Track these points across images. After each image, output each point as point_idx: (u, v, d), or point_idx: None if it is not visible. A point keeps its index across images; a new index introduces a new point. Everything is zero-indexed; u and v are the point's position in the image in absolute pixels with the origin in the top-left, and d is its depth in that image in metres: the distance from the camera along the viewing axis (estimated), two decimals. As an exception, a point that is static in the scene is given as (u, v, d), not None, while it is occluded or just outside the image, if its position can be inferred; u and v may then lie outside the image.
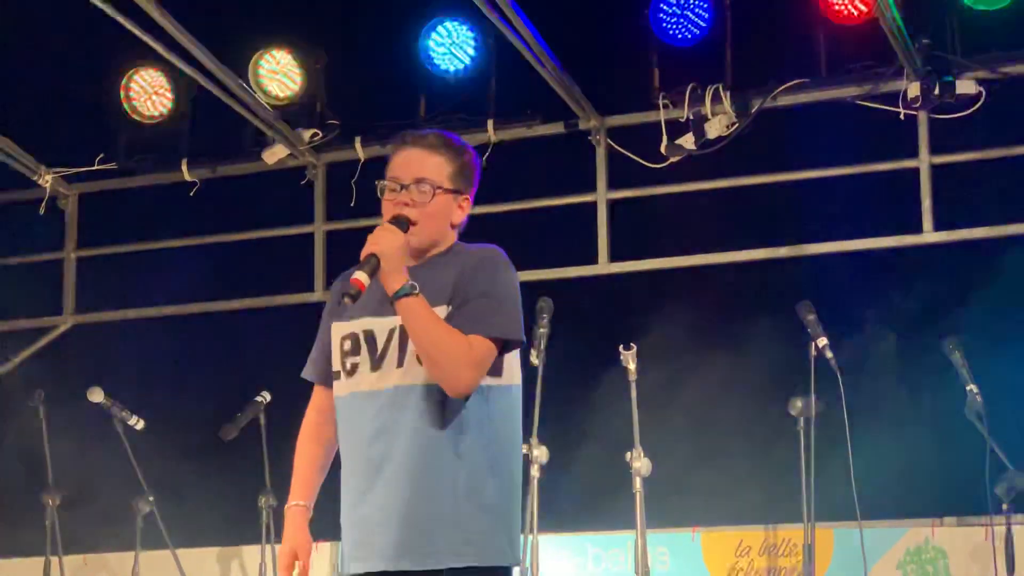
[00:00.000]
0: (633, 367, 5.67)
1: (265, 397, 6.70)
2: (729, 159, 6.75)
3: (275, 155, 7.39)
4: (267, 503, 6.58)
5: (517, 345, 3.51)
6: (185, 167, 7.52)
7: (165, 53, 6.58)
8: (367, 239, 3.41)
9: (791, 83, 6.61)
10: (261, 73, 7.17)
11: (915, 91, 6.39)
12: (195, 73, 6.81)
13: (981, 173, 6.52)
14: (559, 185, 7.17)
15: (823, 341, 5.75)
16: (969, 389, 5.72)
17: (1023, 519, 5.87)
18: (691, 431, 6.47)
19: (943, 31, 6.36)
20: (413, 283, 3.37)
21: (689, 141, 6.70)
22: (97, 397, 6.69)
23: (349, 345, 3.53)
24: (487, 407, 3.47)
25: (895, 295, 6.51)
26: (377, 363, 3.47)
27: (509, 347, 3.50)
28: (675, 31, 6.62)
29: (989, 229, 6.47)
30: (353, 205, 7.19)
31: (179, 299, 7.70)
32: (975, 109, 6.39)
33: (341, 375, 3.55)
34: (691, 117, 6.71)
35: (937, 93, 6.37)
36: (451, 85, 7.01)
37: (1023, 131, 6.39)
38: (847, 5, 6.32)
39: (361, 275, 3.36)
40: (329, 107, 7.28)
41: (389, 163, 3.60)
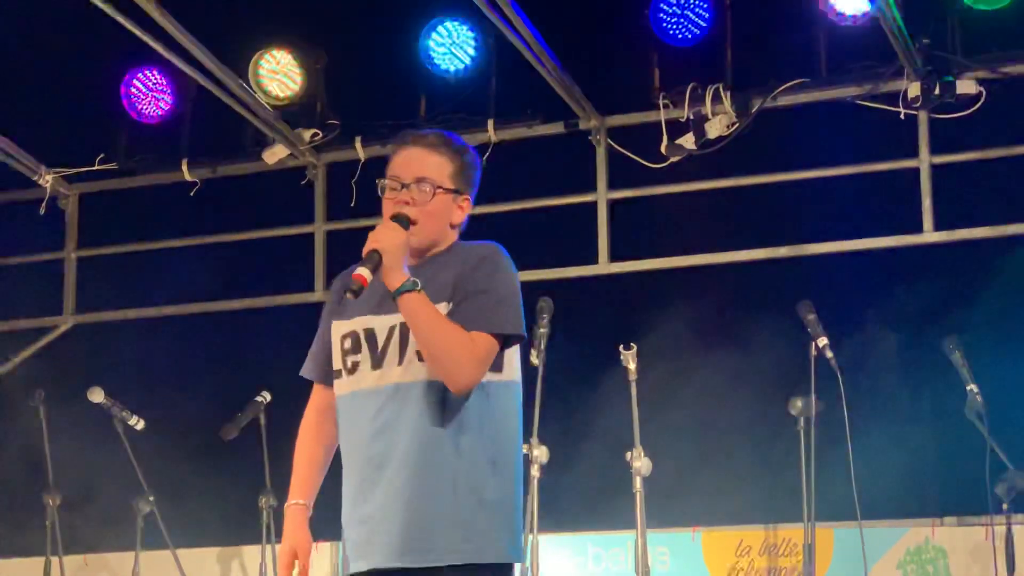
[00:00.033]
0: (633, 367, 5.67)
1: (265, 397, 6.70)
2: (729, 159, 6.74)
3: (275, 155, 7.38)
4: (267, 503, 6.58)
5: (518, 340, 3.51)
6: (185, 167, 7.52)
7: (165, 52, 6.58)
8: (369, 236, 3.40)
9: (791, 83, 6.61)
10: (261, 73, 7.16)
11: (915, 91, 6.39)
12: (195, 73, 6.82)
13: (981, 173, 6.52)
14: (559, 185, 7.17)
15: (823, 341, 5.75)
16: (969, 389, 5.72)
17: (1023, 519, 5.87)
18: (691, 431, 6.47)
19: (943, 31, 6.36)
20: (415, 279, 3.37)
21: (689, 141, 6.70)
22: (97, 397, 6.68)
23: (350, 344, 3.53)
24: (488, 404, 3.46)
25: (895, 295, 6.51)
26: (378, 361, 3.47)
27: (511, 342, 3.49)
28: (675, 31, 6.62)
29: (989, 229, 6.47)
30: (353, 205, 7.20)
31: (179, 299, 7.70)
32: (975, 109, 6.39)
33: (342, 373, 3.55)
34: (691, 117, 6.71)
35: (937, 93, 6.37)
36: (451, 85, 7.01)
37: (1023, 131, 6.39)
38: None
39: (363, 271, 3.35)
40: (329, 107, 7.28)
41: (390, 162, 3.60)
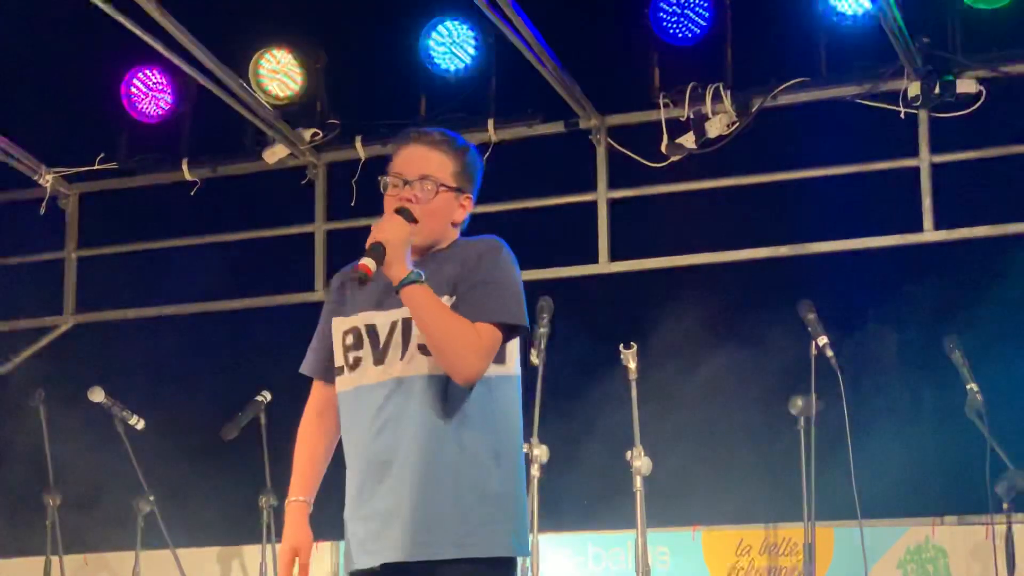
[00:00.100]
0: (633, 366, 5.67)
1: (266, 396, 6.69)
2: (729, 158, 6.74)
3: (275, 155, 7.38)
4: (267, 503, 6.57)
5: (522, 331, 3.50)
6: (185, 167, 7.52)
7: (166, 52, 6.57)
8: (372, 228, 3.39)
9: (791, 82, 6.61)
10: (261, 73, 7.16)
11: (915, 90, 6.39)
12: (195, 72, 6.81)
13: (981, 172, 6.52)
14: (559, 184, 7.17)
15: (823, 340, 5.75)
16: (969, 388, 5.72)
17: (1023, 518, 5.86)
18: (692, 430, 6.47)
19: (944, 30, 6.36)
20: (419, 271, 3.36)
21: (690, 140, 6.70)
22: (98, 397, 6.68)
23: (351, 339, 3.52)
24: (490, 397, 3.46)
25: (895, 294, 6.50)
26: (380, 356, 3.46)
27: (514, 333, 3.49)
28: (675, 30, 6.62)
29: (989, 228, 6.47)
30: (354, 205, 7.20)
31: (179, 299, 7.70)
32: (975, 108, 6.39)
33: (344, 370, 3.54)
34: (691, 116, 6.71)
35: (937, 92, 6.37)
36: (451, 85, 7.01)
37: (1023, 130, 6.39)
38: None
39: (368, 260, 3.34)
40: (329, 107, 7.28)
41: (392, 159, 3.58)
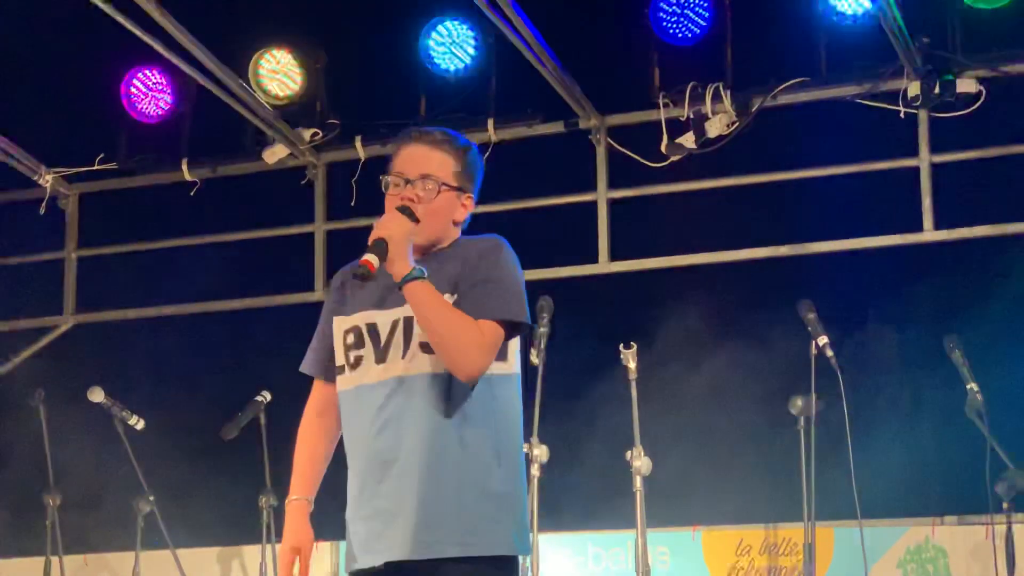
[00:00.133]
0: (633, 366, 5.66)
1: (265, 396, 6.69)
2: (729, 158, 6.74)
3: (275, 155, 7.38)
4: (267, 503, 6.57)
5: (524, 328, 3.50)
6: (185, 167, 7.51)
7: (165, 52, 6.57)
8: (375, 225, 3.39)
9: (791, 82, 6.61)
10: (261, 73, 7.16)
11: (915, 90, 6.39)
12: (195, 72, 6.81)
13: (981, 172, 6.52)
14: (559, 184, 7.17)
15: (823, 340, 5.74)
16: (969, 388, 5.71)
17: (1023, 518, 5.86)
18: (691, 430, 6.47)
19: (943, 30, 6.36)
20: (421, 268, 3.35)
21: (689, 140, 6.70)
22: (97, 397, 6.68)
23: (352, 339, 3.51)
24: (491, 396, 3.46)
25: (895, 294, 6.51)
26: (381, 355, 3.46)
27: (516, 331, 3.48)
28: (675, 30, 6.62)
29: (989, 228, 6.47)
30: (353, 205, 7.20)
31: (179, 299, 7.69)
32: (975, 108, 6.39)
33: (345, 369, 3.53)
34: (691, 116, 6.71)
35: (937, 92, 6.37)
36: (451, 84, 7.01)
37: (1023, 130, 6.39)
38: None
39: (371, 256, 3.33)
40: (329, 107, 7.28)
41: (394, 159, 3.58)
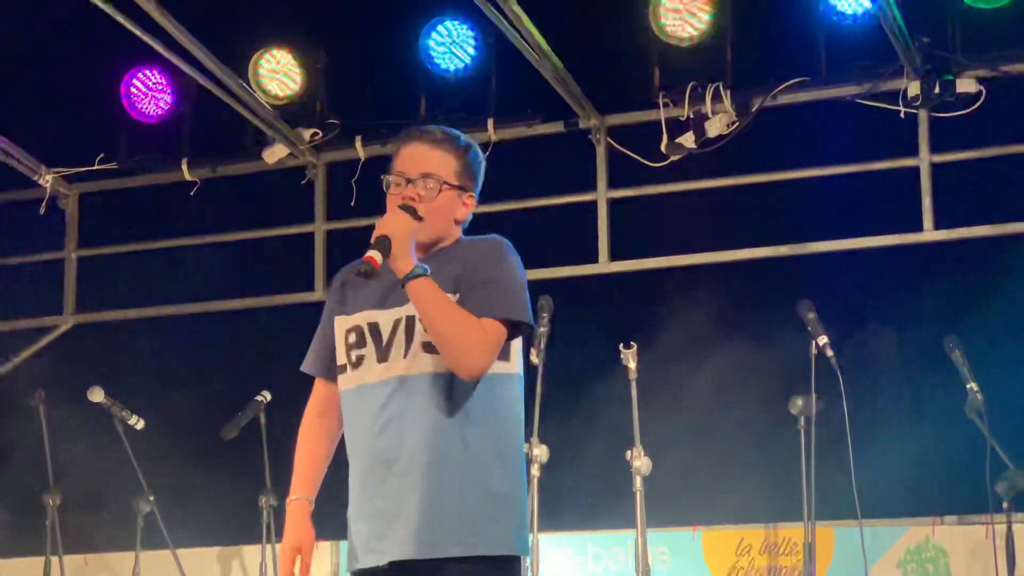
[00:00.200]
0: (633, 366, 5.66)
1: (265, 396, 6.69)
2: (729, 158, 6.74)
3: (275, 155, 7.38)
4: (267, 503, 6.57)
5: (526, 328, 3.50)
6: (185, 167, 7.51)
7: (165, 52, 6.57)
8: (377, 224, 3.38)
9: (791, 81, 6.61)
10: (261, 73, 7.17)
11: (915, 90, 6.39)
12: (195, 73, 6.81)
13: (981, 172, 6.52)
14: (559, 184, 7.17)
15: (823, 340, 5.74)
16: (969, 387, 5.71)
17: (1023, 518, 5.86)
18: (691, 430, 6.46)
19: (943, 29, 6.35)
20: (424, 265, 3.35)
21: (689, 140, 6.70)
22: (97, 397, 6.68)
23: (354, 338, 3.51)
24: (493, 396, 3.45)
25: (895, 294, 6.51)
26: (383, 354, 3.45)
27: (519, 330, 3.48)
28: (675, 30, 6.60)
29: (989, 228, 6.47)
30: (353, 205, 7.20)
31: (179, 299, 7.69)
32: (975, 108, 6.39)
33: (347, 368, 3.53)
34: (691, 116, 6.70)
35: (937, 92, 6.37)
36: (451, 84, 7.00)
37: (1023, 130, 6.39)
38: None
39: (374, 253, 3.33)
40: (329, 107, 7.28)
41: (394, 158, 3.58)
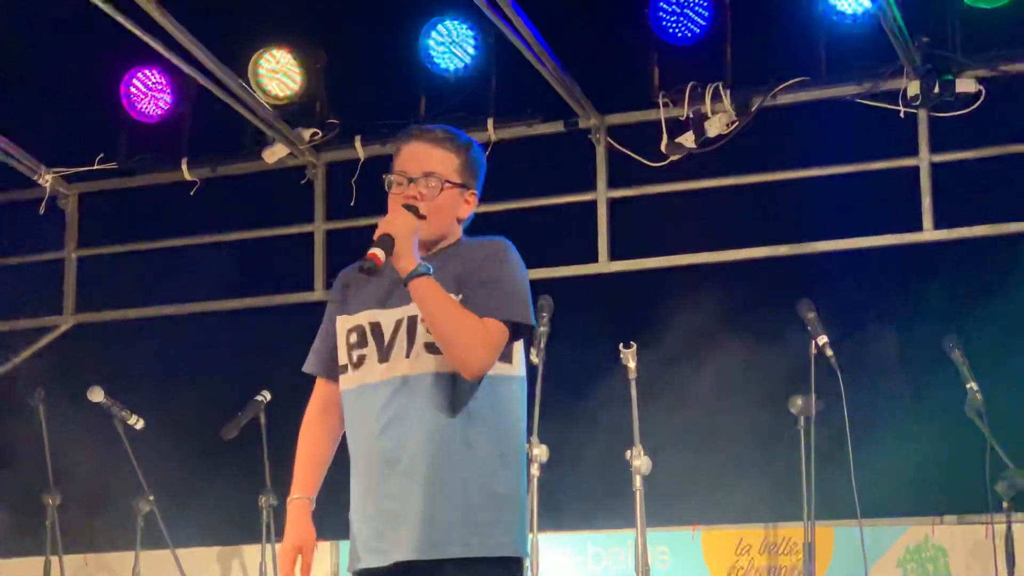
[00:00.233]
0: (633, 365, 5.66)
1: (265, 396, 6.69)
2: (729, 158, 6.75)
3: (275, 155, 7.38)
4: (267, 502, 6.57)
5: (528, 331, 3.50)
6: (185, 167, 7.51)
7: (165, 52, 6.57)
8: (380, 223, 3.39)
9: (791, 81, 6.61)
10: (261, 73, 7.17)
11: (915, 89, 6.39)
12: (195, 73, 6.81)
13: (981, 171, 6.52)
14: (559, 184, 7.17)
15: (823, 339, 5.74)
16: (969, 387, 5.72)
17: (1023, 517, 5.86)
18: (691, 429, 6.46)
19: (943, 29, 6.36)
20: (427, 264, 3.36)
21: (689, 139, 6.70)
22: (97, 397, 6.68)
23: (355, 338, 3.51)
24: (496, 397, 3.46)
25: (895, 293, 6.51)
26: (385, 354, 3.46)
27: (520, 332, 3.49)
28: (675, 29, 6.62)
29: (989, 227, 6.47)
30: (353, 204, 7.20)
31: (179, 299, 7.70)
32: (975, 107, 6.39)
33: (348, 368, 3.53)
34: (691, 115, 6.71)
35: (937, 91, 6.37)
36: (451, 84, 7.00)
37: (1023, 129, 6.39)
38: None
39: (377, 250, 3.33)
40: (329, 106, 7.28)
41: (396, 157, 3.58)
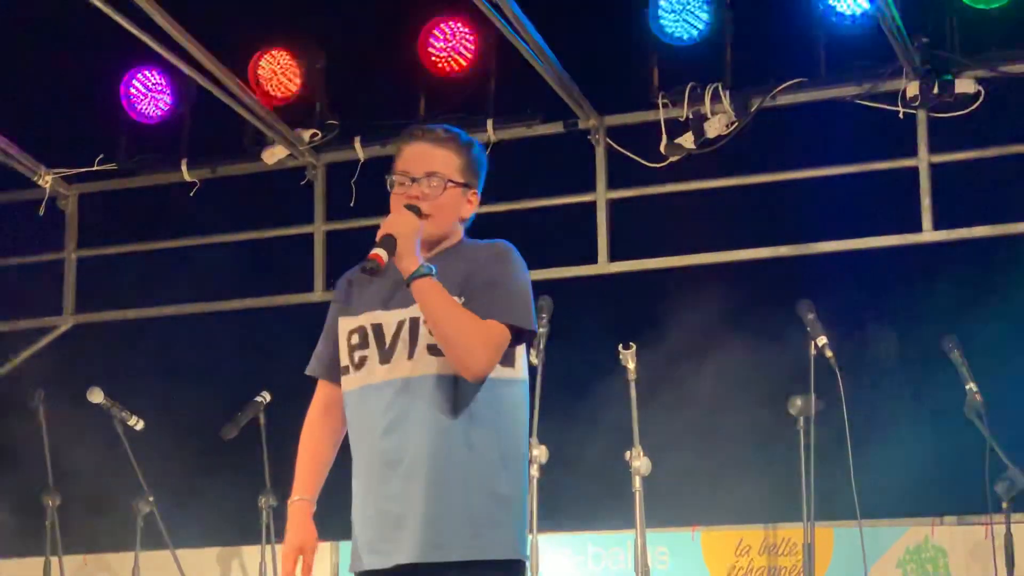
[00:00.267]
0: (632, 366, 5.67)
1: (265, 397, 6.70)
2: (728, 158, 6.75)
3: (275, 155, 7.38)
4: (267, 503, 6.58)
5: (530, 336, 3.50)
6: (185, 167, 7.51)
7: (165, 53, 6.57)
8: (382, 223, 3.39)
9: (790, 82, 6.61)
10: (261, 73, 7.17)
11: (914, 90, 6.40)
12: (195, 73, 6.81)
13: (980, 172, 6.52)
14: (559, 185, 7.17)
15: (823, 340, 5.75)
16: (968, 388, 5.72)
17: (1023, 518, 5.87)
18: (691, 430, 6.47)
19: (942, 30, 6.36)
20: (430, 265, 3.36)
21: (688, 140, 6.70)
22: (97, 398, 6.68)
23: (357, 339, 3.51)
24: (498, 400, 3.45)
25: (895, 294, 6.52)
26: (386, 356, 3.45)
27: (522, 337, 3.48)
28: (675, 30, 6.62)
29: (988, 228, 6.47)
30: (353, 205, 7.20)
31: (179, 299, 7.69)
32: (974, 108, 6.39)
33: (349, 369, 3.53)
34: (690, 116, 6.71)
35: (936, 92, 6.37)
36: (450, 85, 7.00)
37: (1022, 130, 6.39)
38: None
39: (380, 250, 3.32)
40: (328, 107, 7.28)
41: (398, 158, 3.58)
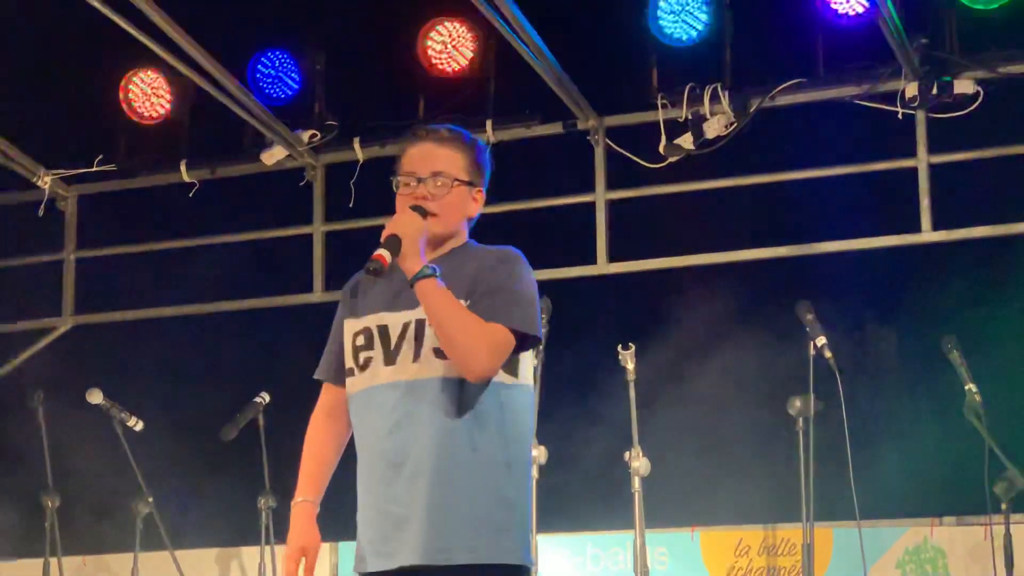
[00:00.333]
0: (632, 367, 5.67)
1: (264, 398, 6.69)
2: (727, 159, 6.75)
3: (274, 156, 7.38)
4: (266, 504, 6.58)
5: (534, 343, 3.48)
6: (184, 168, 7.51)
7: (164, 54, 6.57)
8: (387, 224, 3.39)
9: (789, 83, 6.61)
10: (259, 74, 7.17)
11: (913, 91, 6.40)
12: (194, 74, 6.81)
13: (979, 172, 6.52)
14: (558, 185, 7.17)
15: (822, 341, 5.74)
16: (968, 388, 5.72)
17: (1022, 518, 5.87)
18: (690, 431, 6.47)
19: (941, 31, 6.36)
20: (434, 266, 3.36)
21: (688, 141, 6.70)
22: (96, 399, 6.69)
23: (362, 340, 3.51)
24: (502, 404, 3.45)
25: (894, 294, 6.52)
26: (391, 357, 3.45)
27: (526, 343, 3.47)
28: (674, 31, 6.63)
29: (988, 228, 6.47)
30: (352, 206, 7.20)
31: (178, 300, 7.70)
32: (973, 108, 6.39)
33: (355, 371, 3.53)
34: (690, 117, 6.71)
35: (935, 92, 6.37)
36: (449, 85, 7.00)
37: (1021, 130, 6.39)
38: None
39: (384, 251, 3.33)
40: (328, 108, 7.28)
41: (402, 159, 3.58)
